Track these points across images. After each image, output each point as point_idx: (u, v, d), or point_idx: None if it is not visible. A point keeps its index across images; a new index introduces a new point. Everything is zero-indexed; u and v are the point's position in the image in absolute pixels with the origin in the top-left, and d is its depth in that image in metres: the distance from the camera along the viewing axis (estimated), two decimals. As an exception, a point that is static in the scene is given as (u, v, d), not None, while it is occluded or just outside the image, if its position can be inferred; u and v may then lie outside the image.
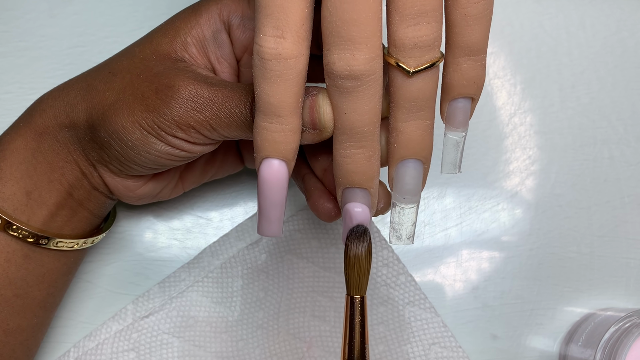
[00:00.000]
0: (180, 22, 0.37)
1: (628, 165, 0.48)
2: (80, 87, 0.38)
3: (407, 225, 0.34)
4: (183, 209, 0.46)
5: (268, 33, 0.30)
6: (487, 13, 0.31)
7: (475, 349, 0.46)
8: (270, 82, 0.30)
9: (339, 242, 0.45)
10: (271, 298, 0.45)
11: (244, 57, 0.38)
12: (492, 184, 0.48)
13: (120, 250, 0.46)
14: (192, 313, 0.44)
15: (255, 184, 0.47)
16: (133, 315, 0.44)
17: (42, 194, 0.38)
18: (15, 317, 0.39)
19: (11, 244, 0.37)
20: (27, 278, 0.38)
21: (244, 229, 0.46)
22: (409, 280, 0.45)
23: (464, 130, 0.34)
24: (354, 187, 0.33)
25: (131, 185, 0.39)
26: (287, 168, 0.32)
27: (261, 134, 0.31)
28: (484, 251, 0.47)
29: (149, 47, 0.37)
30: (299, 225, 0.45)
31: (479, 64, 0.32)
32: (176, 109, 0.34)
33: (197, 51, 0.36)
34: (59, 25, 0.47)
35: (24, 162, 0.38)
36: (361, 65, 0.30)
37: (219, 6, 0.37)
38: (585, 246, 0.47)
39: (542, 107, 0.48)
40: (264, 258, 0.45)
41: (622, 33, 0.49)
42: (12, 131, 0.39)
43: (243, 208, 0.47)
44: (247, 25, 0.37)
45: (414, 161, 0.33)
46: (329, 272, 0.45)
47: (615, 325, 0.41)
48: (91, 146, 0.37)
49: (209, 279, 0.45)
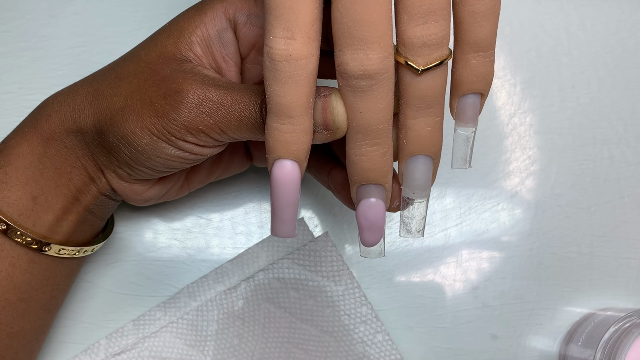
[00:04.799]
0: (184, 22, 0.37)
1: (628, 165, 0.48)
2: (86, 91, 0.37)
3: (417, 219, 0.35)
4: (183, 209, 0.46)
5: (278, 35, 0.30)
6: (495, 10, 0.32)
7: (475, 348, 0.46)
8: (281, 83, 0.30)
9: (317, 294, 0.45)
10: (245, 346, 0.44)
11: (251, 55, 0.38)
12: (492, 184, 0.48)
13: (120, 250, 0.46)
14: (164, 354, 0.44)
15: (255, 183, 0.47)
16: (105, 351, 0.44)
17: (48, 198, 0.38)
18: (19, 321, 0.39)
19: (16, 249, 0.37)
20: (32, 282, 0.38)
21: (224, 271, 0.46)
22: (386, 339, 0.45)
23: (473, 125, 0.34)
24: (369, 183, 0.33)
25: (139, 189, 0.39)
26: (300, 168, 0.32)
27: (273, 135, 0.31)
28: (484, 251, 0.47)
29: (154, 50, 0.36)
30: (278, 273, 0.45)
31: (487, 60, 0.32)
32: (185, 113, 0.34)
33: (202, 50, 0.36)
34: (59, 25, 0.47)
35: (30, 166, 0.37)
36: (375, 64, 0.30)
37: (224, 4, 0.37)
38: (585, 246, 0.47)
39: (542, 107, 0.48)
40: (240, 304, 0.45)
41: (622, 33, 0.49)
42: (17, 135, 0.38)
43: (243, 208, 0.47)
44: (254, 22, 0.37)
45: (423, 157, 0.33)
46: (306, 324, 0.45)
47: (615, 325, 0.41)
48: (100, 151, 0.37)
49: (184, 320, 0.44)
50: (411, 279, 0.47)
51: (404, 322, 0.46)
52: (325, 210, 0.47)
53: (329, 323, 0.45)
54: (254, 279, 0.45)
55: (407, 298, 0.46)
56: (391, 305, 0.46)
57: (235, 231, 0.46)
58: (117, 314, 0.45)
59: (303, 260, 0.45)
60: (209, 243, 0.46)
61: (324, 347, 0.44)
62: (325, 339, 0.45)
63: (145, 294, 0.45)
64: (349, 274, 0.45)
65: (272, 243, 0.46)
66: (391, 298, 0.46)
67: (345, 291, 0.45)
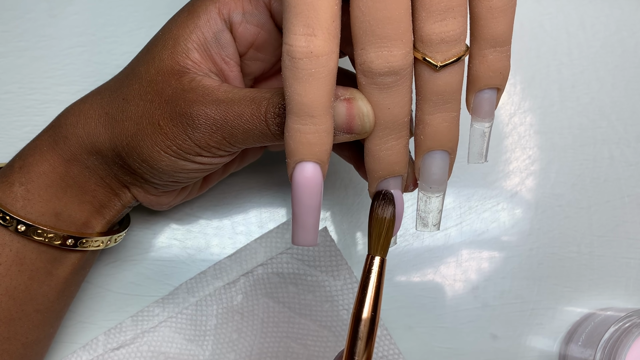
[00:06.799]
0: (177, 29, 0.36)
1: (628, 165, 0.48)
2: (98, 115, 0.37)
3: (434, 213, 0.35)
4: (183, 209, 0.46)
5: (299, 32, 0.29)
6: (512, 5, 0.32)
7: (475, 348, 0.46)
8: (302, 82, 0.30)
9: (316, 289, 0.45)
10: (244, 340, 0.44)
11: (249, 52, 0.37)
12: (492, 184, 0.48)
13: (120, 250, 0.46)
14: (163, 349, 0.44)
15: (255, 183, 0.47)
16: (104, 346, 0.44)
17: (71, 214, 0.38)
18: (34, 331, 0.39)
19: (36, 262, 0.38)
20: (49, 294, 0.39)
21: (222, 267, 0.46)
22: (384, 334, 0.45)
23: (490, 120, 0.34)
24: (393, 176, 0.33)
25: (165, 200, 0.40)
26: (322, 171, 0.31)
27: (295, 137, 0.30)
28: (484, 251, 0.47)
29: (152, 66, 0.36)
30: (277, 268, 0.45)
31: (504, 55, 0.32)
32: (194, 135, 0.34)
33: (200, 56, 0.36)
34: (59, 25, 0.47)
35: (52, 185, 0.38)
36: (399, 60, 0.30)
37: (218, 5, 0.36)
38: (585, 246, 0.47)
39: (542, 107, 0.48)
40: (239, 299, 0.45)
41: (622, 33, 0.49)
42: (35, 153, 0.38)
43: (243, 208, 0.47)
44: (250, 20, 0.36)
45: (440, 152, 0.33)
46: (305, 319, 0.45)
47: (615, 325, 0.41)
48: (123, 171, 0.37)
49: (182, 315, 0.45)
50: (411, 279, 0.47)
51: (404, 322, 0.46)
52: (325, 209, 0.47)
53: (328, 318, 0.45)
54: (253, 273, 0.45)
55: (407, 298, 0.46)
56: (391, 305, 0.46)
57: (235, 231, 0.46)
58: (117, 314, 0.45)
59: (302, 255, 0.45)
60: (209, 243, 0.46)
61: (323, 341, 0.44)
62: (323, 333, 0.45)
63: (145, 293, 0.45)
64: (347, 269, 0.45)
65: (270, 239, 0.46)
66: (391, 298, 0.46)
67: (344, 286, 0.45)
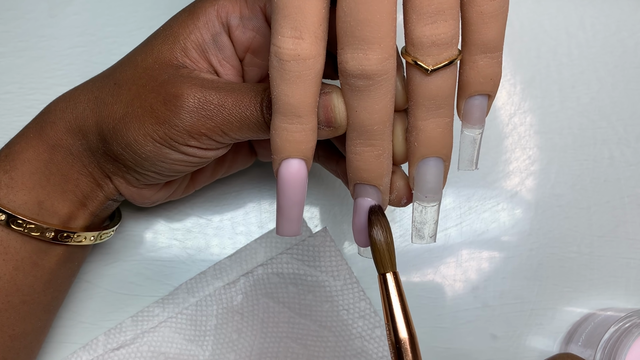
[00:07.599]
0: (178, 27, 0.36)
1: (628, 165, 0.48)
2: (87, 99, 0.37)
3: (430, 224, 0.35)
4: (183, 209, 0.46)
5: (286, 34, 0.30)
6: (503, 10, 0.31)
7: (475, 348, 0.46)
8: (289, 83, 0.30)
9: (316, 289, 0.45)
10: (244, 340, 0.44)
11: (247, 57, 0.38)
12: (492, 184, 0.48)
13: (120, 250, 0.46)
14: (163, 349, 0.44)
15: (255, 183, 0.47)
16: (104, 346, 0.44)
17: (54, 203, 0.38)
18: (21, 323, 0.39)
19: (20, 252, 0.37)
20: (35, 285, 0.38)
21: (222, 268, 0.45)
22: (385, 334, 0.44)
23: (480, 127, 0.34)
24: (364, 183, 0.33)
25: (147, 193, 0.39)
26: (307, 166, 0.32)
27: (281, 135, 0.31)
28: (484, 251, 0.47)
29: (151, 56, 0.36)
30: (277, 268, 0.45)
31: (495, 61, 0.32)
32: (186, 118, 0.34)
33: (197, 55, 0.36)
34: (59, 25, 0.47)
35: (36, 172, 0.37)
36: (373, 65, 0.30)
37: (216, 7, 0.36)
38: (585, 246, 0.47)
39: (542, 107, 0.48)
40: (239, 299, 0.45)
41: (622, 33, 0.49)
42: (22, 140, 0.38)
43: (243, 208, 0.47)
44: (246, 25, 0.37)
45: (434, 159, 0.33)
46: (305, 319, 0.45)
47: (615, 325, 0.41)
48: (106, 158, 0.37)
49: (182, 315, 0.44)
50: (411, 279, 0.47)
51: (404, 322, 0.46)
52: (325, 210, 0.47)
53: (328, 318, 0.45)
54: (253, 273, 0.45)
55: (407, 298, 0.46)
56: (391, 305, 0.46)
57: (235, 231, 0.46)
58: (116, 314, 0.45)
59: (302, 255, 0.45)
60: (209, 243, 0.46)
61: (323, 341, 0.44)
62: (323, 333, 0.45)
63: (145, 293, 0.45)
64: (347, 269, 0.45)
65: (270, 239, 0.46)
66: (391, 298, 0.46)
67: (344, 286, 0.45)
